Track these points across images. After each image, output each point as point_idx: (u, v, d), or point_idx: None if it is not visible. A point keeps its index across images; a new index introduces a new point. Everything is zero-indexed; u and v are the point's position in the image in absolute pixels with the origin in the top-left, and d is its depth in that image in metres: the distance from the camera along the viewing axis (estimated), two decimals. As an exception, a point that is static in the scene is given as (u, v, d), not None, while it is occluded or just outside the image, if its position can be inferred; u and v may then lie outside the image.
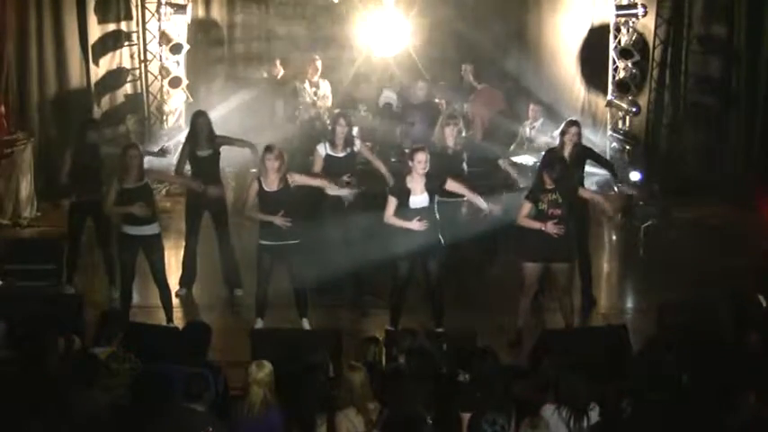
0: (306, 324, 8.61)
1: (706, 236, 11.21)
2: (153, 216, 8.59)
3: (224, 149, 9.53)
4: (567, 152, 9.13)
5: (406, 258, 8.39)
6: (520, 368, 7.11)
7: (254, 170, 9.38)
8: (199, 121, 9.39)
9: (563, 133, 9.32)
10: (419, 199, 8.26)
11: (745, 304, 7.61)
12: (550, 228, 8.14)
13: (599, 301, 9.61)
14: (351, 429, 5.79)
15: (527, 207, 8.28)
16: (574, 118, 9.93)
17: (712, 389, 6.10)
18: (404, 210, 8.24)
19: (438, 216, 8.36)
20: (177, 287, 9.51)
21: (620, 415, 6.03)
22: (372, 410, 5.83)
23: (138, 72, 13.79)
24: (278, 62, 13.25)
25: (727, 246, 10.72)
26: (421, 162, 8.21)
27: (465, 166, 9.26)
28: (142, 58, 13.71)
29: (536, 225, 8.20)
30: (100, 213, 9.14)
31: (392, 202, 8.28)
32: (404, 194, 8.25)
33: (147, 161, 9.37)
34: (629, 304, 9.95)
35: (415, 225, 8.17)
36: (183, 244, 9.67)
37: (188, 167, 9.57)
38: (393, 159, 10.38)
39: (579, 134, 9.29)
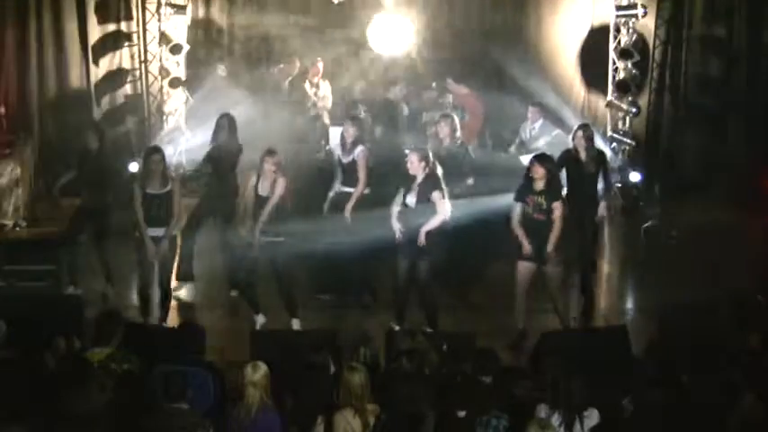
0: (296, 324, 8.60)
1: (706, 236, 11.20)
2: (167, 219, 8.50)
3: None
4: (582, 156, 9.18)
5: (405, 257, 8.40)
6: (520, 369, 7.11)
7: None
8: (222, 123, 9.52)
9: (573, 137, 9.42)
10: (409, 197, 8.31)
11: (746, 304, 7.61)
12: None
13: (599, 302, 9.61)
14: (348, 430, 5.78)
15: (518, 208, 8.31)
16: (585, 122, 9.94)
17: (712, 389, 6.10)
18: (404, 209, 8.31)
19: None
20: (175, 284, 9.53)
21: (621, 415, 6.03)
22: (371, 412, 5.82)
23: (138, 72, 13.78)
24: (297, 61, 13.22)
25: (727, 246, 10.72)
26: (408, 162, 8.30)
27: (462, 165, 9.29)
28: (142, 58, 13.70)
29: (523, 240, 8.23)
30: (104, 217, 9.19)
31: (400, 196, 8.44)
32: (405, 190, 8.34)
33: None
34: (630, 305, 9.95)
35: (396, 229, 8.29)
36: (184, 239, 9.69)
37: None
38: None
39: (588, 138, 9.30)
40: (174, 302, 9.05)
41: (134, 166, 11.84)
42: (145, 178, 8.48)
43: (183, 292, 9.59)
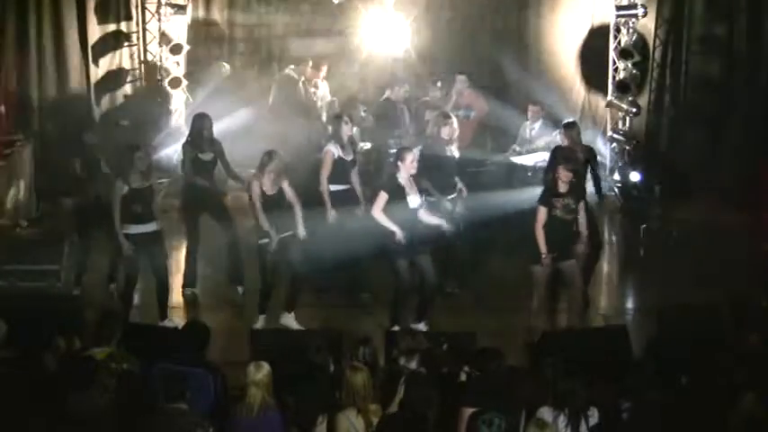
0: (291, 320, 8.64)
1: (706, 236, 11.21)
2: (153, 215, 8.63)
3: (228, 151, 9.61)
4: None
5: (405, 257, 8.40)
6: (523, 369, 7.12)
7: (252, 170, 9.41)
8: (205, 124, 9.43)
9: (559, 135, 9.44)
10: (414, 199, 8.30)
11: (745, 305, 7.61)
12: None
13: (599, 302, 9.61)
14: (351, 430, 5.78)
15: (542, 213, 8.26)
16: (571, 119, 9.95)
17: (712, 389, 6.11)
18: (402, 208, 8.28)
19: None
20: (182, 288, 9.52)
21: (620, 416, 6.04)
22: (373, 412, 5.82)
23: (137, 72, 13.78)
24: (310, 62, 13.19)
25: (727, 246, 10.72)
26: (407, 161, 8.30)
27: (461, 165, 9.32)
28: (142, 58, 13.70)
29: (542, 247, 8.21)
30: (104, 213, 9.20)
31: (382, 198, 8.30)
32: (399, 193, 8.28)
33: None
34: (629, 305, 9.95)
35: (398, 233, 8.24)
36: (184, 244, 9.69)
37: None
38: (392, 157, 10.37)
39: (571, 137, 9.32)
40: (177, 302, 9.07)
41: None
42: (128, 174, 8.53)
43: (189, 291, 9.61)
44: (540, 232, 8.23)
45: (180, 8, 13.58)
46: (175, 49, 13.51)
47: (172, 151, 13.04)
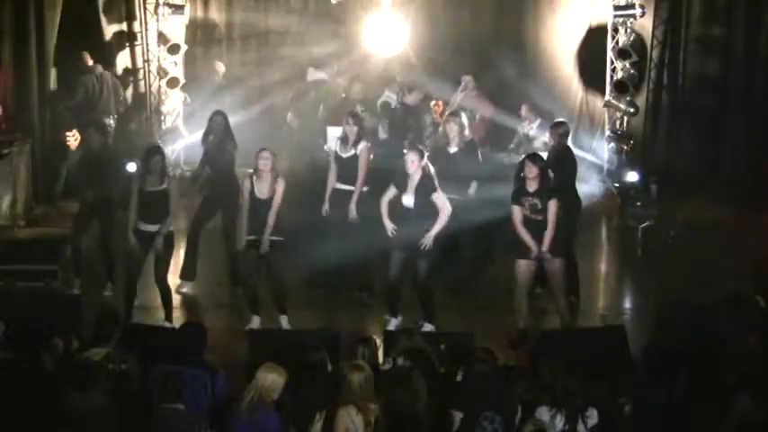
0: (284, 321, 8.62)
1: (704, 236, 11.22)
2: (166, 216, 8.57)
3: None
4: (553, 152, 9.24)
5: (401, 251, 8.40)
6: (520, 369, 7.12)
7: (250, 170, 9.41)
8: (218, 120, 9.51)
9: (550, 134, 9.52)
10: (406, 198, 8.32)
11: (744, 305, 7.60)
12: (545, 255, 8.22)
13: (597, 302, 9.62)
14: (351, 428, 5.78)
15: (517, 212, 8.31)
16: (561, 119, 9.99)
17: (711, 389, 6.11)
18: (397, 205, 8.33)
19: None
20: (179, 283, 9.52)
21: (619, 415, 6.04)
22: (373, 411, 5.82)
23: (139, 73, 13.78)
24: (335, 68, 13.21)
25: (725, 246, 10.73)
26: (408, 162, 8.30)
27: (468, 165, 9.30)
28: (145, 58, 13.70)
29: (528, 242, 8.22)
30: (107, 214, 9.20)
31: (391, 190, 8.43)
32: (402, 189, 8.35)
33: None
34: (628, 305, 9.95)
35: (388, 227, 8.35)
36: (185, 237, 9.68)
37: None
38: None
39: (558, 136, 9.35)
40: (175, 302, 9.05)
41: (132, 166, 11.80)
42: (143, 177, 8.56)
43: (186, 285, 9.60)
44: (521, 229, 8.27)
45: (178, 8, 13.59)
46: (173, 49, 13.51)
47: (170, 151, 13.04)
